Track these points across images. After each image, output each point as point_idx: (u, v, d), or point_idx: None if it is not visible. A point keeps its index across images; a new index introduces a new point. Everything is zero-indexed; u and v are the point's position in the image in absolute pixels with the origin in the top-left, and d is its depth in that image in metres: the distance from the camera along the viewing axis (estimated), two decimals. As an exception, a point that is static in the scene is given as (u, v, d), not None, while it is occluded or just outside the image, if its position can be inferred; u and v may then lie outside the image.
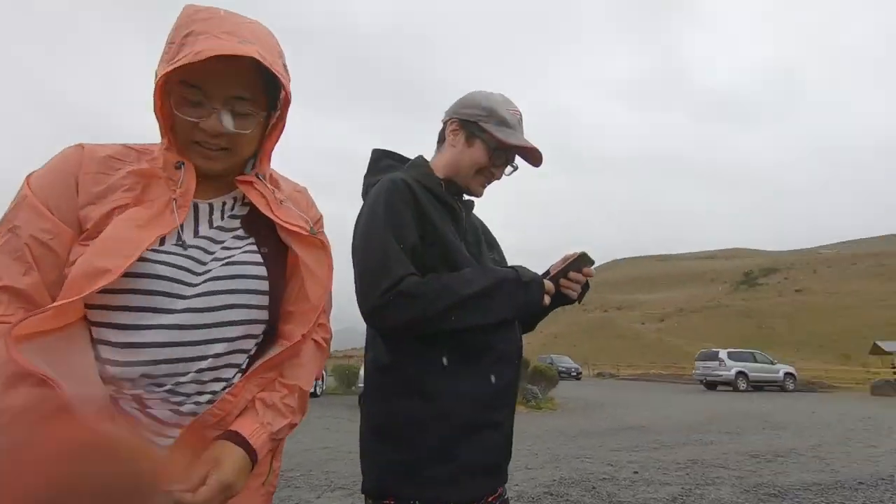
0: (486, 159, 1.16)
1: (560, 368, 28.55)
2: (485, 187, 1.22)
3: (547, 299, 1.12)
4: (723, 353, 21.90)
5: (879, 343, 32.88)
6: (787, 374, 21.91)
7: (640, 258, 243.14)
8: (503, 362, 1.10)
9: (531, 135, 1.24)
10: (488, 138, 1.14)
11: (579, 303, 1.22)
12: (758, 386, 21.28)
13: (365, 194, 1.26)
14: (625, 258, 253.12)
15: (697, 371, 22.72)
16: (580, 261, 1.16)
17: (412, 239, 1.06)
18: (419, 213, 1.09)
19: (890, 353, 30.49)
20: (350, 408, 11.51)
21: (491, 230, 1.37)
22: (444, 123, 1.23)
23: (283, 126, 0.88)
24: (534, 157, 1.20)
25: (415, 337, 1.04)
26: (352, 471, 3.40)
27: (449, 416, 1.02)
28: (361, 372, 11.38)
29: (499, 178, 1.23)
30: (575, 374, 30.29)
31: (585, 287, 1.21)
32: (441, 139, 1.24)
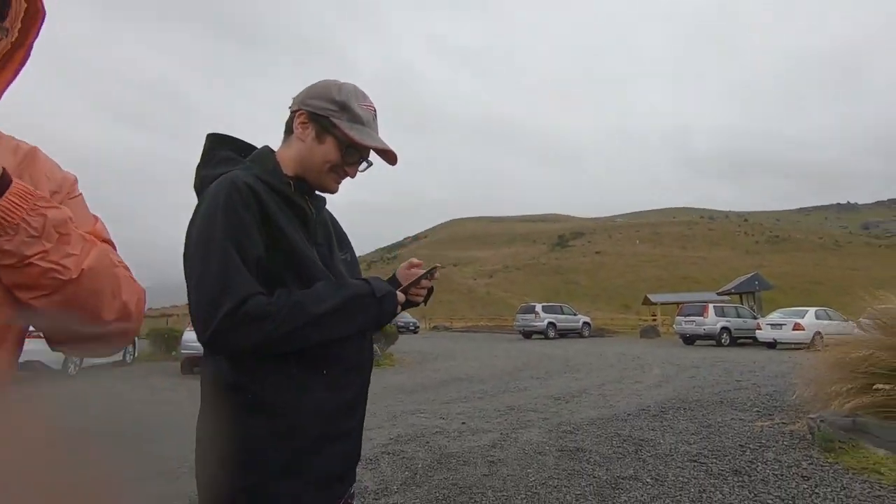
0: (337, 157, 1.09)
1: (399, 323, 29.72)
2: (339, 183, 1.15)
3: (399, 309, 1.14)
4: (538, 307, 25.19)
5: (649, 296, 41.34)
6: (584, 323, 26.24)
7: (476, 218, 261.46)
8: (353, 372, 1.10)
9: (377, 92, 1.20)
10: (340, 135, 1.08)
11: (425, 305, 1.28)
12: (563, 333, 25.11)
13: (199, 189, 1.10)
14: (462, 217, 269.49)
15: (517, 323, 25.79)
16: (430, 271, 1.20)
17: (256, 250, 0.97)
18: (264, 218, 0.99)
19: (655, 304, 38.70)
20: (171, 376, 10.41)
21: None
22: (293, 113, 1.13)
23: (26, 56, 0.67)
24: (388, 157, 1.17)
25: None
26: (175, 453, 3.12)
27: (298, 432, 0.99)
28: (187, 336, 10.40)
29: (353, 177, 1.18)
30: (413, 328, 31.87)
31: (430, 291, 1.26)
32: (289, 129, 1.13)
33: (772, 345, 17.43)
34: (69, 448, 0.65)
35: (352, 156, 1.11)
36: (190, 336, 10.35)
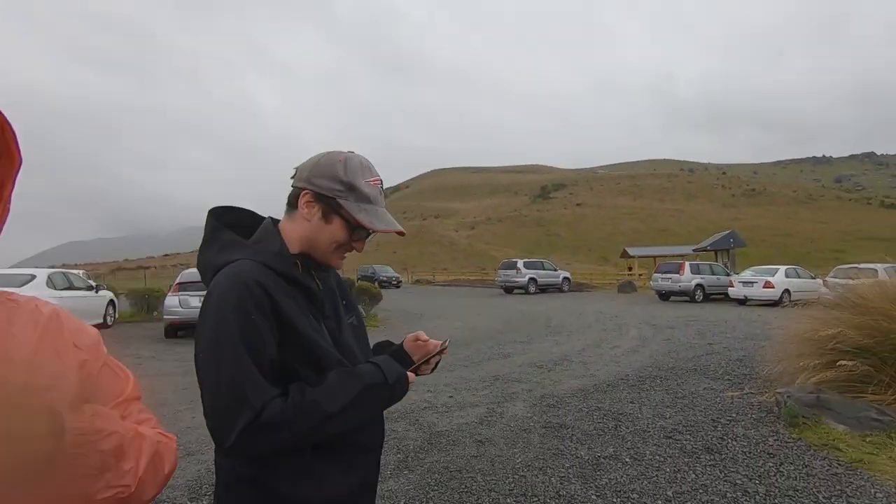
0: (345, 237, 1.07)
1: (381, 279, 29.98)
2: (344, 259, 1.14)
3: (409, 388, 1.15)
4: (520, 263, 25.55)
5: (628, 249, 42.14)
6: (564, 278, 26.79)
7: (459, 168, 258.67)
8: (367, 453, 1.13)
9: (354, 37, 1.12)
10: (348, 217, 1.05)
11: (431, 373, 1.29)
12: (543, 288, 25.66)
13: (203, 273, 1.07)
14: (444, 168, 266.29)
15: (499, 278, 26.20)
16: (442, 350, 1.20)
17: (270, 352, 0.96)
18: (276, 315, 0.98)
19: (633, 257, 39.57)
20: (154, 341, 10.39)
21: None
22: (297, 189, 1.09)
23: (4, 211, 0.64)
24: (398, 232, 1.16)
25: None
26: (170, 427, 3.17)
27: None
28: (169, 301, 10.29)
29: (360, 251, 1.16)
30: (395, 282, 32.17)
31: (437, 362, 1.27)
32: (292, 203, 1.10)
33: (742, 301, 18.16)
34: None
35: (359, 234, 1.09)
36: (172, 301, 10.26)
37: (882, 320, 4.66)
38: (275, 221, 1.14)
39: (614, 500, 3.02)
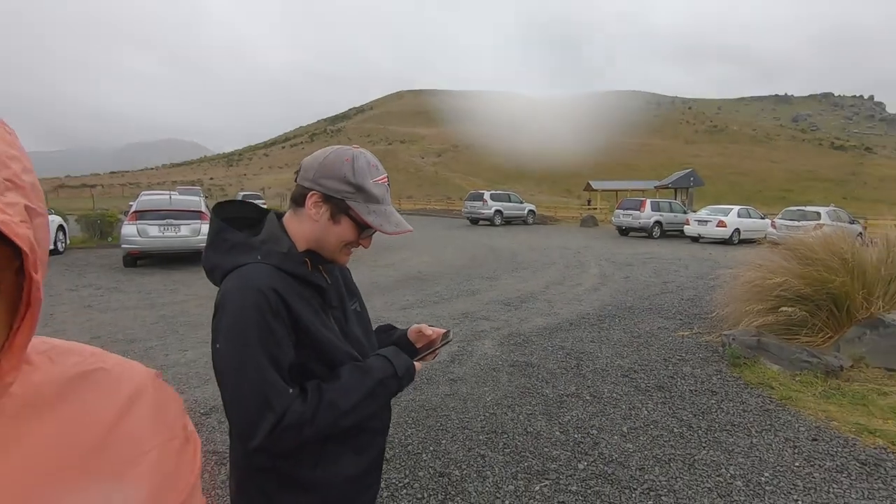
0: (353, 237, 1.09)
1: (347, 206, 29.52)
2: (350, 255, 1.16)
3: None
4: (486, 195, 25.62)
5: (591, 182, 42.70)
6: (529, 211, 27.18)
7: (426, 91, 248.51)
8: (378, 435, 1.20)
9: None
10: (357, 218, 1.06)
11: (434, 359, 1.36)
12: (509, 220, 26.05)
13: (211, 274, 1.07)
14: (410, 90, 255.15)
15: (466, 209, 26.31)
16: (445, 342, 1.26)
17: (289, 355, 1.00)
18: (292, 320, 1.01)
19: (596, 190, 40.26)
20: (112, 269, 10.07)
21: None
22: (303, 189, 1.07)
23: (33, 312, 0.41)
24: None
25: None
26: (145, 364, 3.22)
27: (331, 500, 1.11)
28: (127, 231, 9.88)
29: (367, 247, 1.18)
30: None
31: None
32: (299, 202, 1.09)
33: (696, 239, 19.09)
34: None
35: (367, 232, 1.11)
36: (130, 230, 9.84)
37: (823, 271, 5.05)
38: (278, 216, 1.13)
39: (576, 435, 3.33)
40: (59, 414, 0.46)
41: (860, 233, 11.80)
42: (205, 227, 9.98)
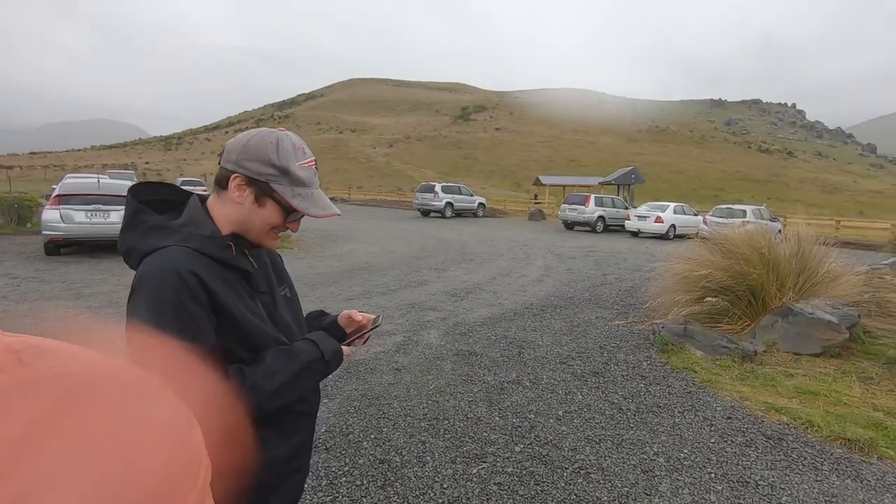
0: (279, 220, 1.08)
1: (294, 195, 28.67)
2: (278, 239, 1.15)
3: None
4: (438, 187, 25.67)
5: (540, 177, 43.77)
6: (480, 203, 27.50)
7: (377, 80, 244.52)
8: (304, 419, 1.20)
9: None
10: (282, 201, 1.05)
11: (364, 344, 1.37)
12: (459, 213, 26.24)
13: (127, 258, 1.04)
14: (362, 78, 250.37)
15: (417, 201, 26.26)
16: (375, 327, 1.28)
17: (210, 340, 0.98)
18: (213, 304, 0.99)
19: (545, 185, 41.31)
20: (32, 258, 9.30)
21: None
22: (226, 171, 1.05)
23: None
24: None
25: None
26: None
27: (257, 484, 1.11)
28: (49, 216, 9.14)
29: (295, 231, 1.17)
30: (309, 200, 30.91)
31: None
32: (222, 185, 1.06)
33: (636, 234, 20.03)
34: None
35: (294, 216, 1.09)
36: (52, 215, 9.12)
37: (743, 264, 5.47)
38: (201, 199, 1.11)
39: (514, 420, 3.44)
40: None
41: (780, 230, 12.84)
42: None
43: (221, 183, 1.06)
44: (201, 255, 1.00)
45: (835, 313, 5.05)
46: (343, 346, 1.20)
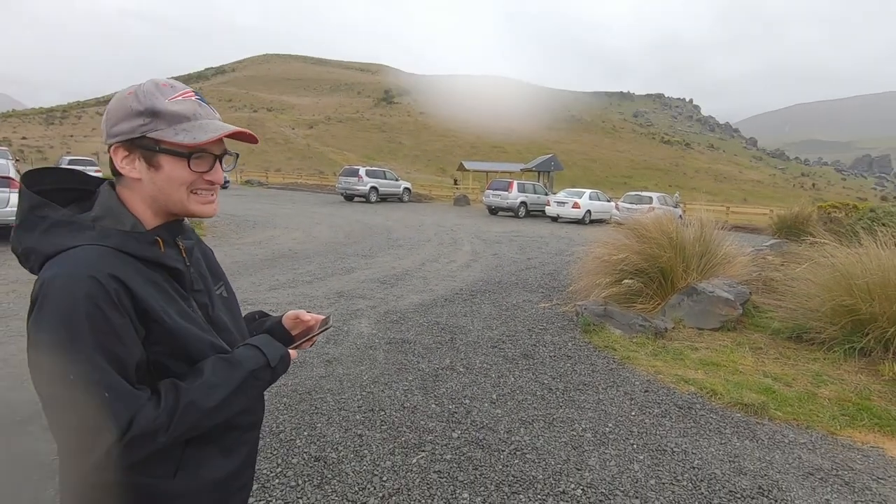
0: (187, 173, 0.91)
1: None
2: (211, 202, 0.97)
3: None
4: (362, 171, 25.10)
5: (464, 163, 44.30)
6: (405, 188, 27.30)
7: (293, 56, 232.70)
8: (247, 433, 1.09)
9: None
10: (171, 147, 0.89)
11: (311, 346, 1.27)
12: (384, 198, 25.88)
13: (25, 260, 0.87)
14: (277, 53, 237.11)
15: (340, 185, 25.51)
16: (325, 329, 1.19)
17: (136, 352, 0.85)
18: (139, 312, 0.85)
19: (469, 171, 41.88)
20: None
21: None
22: (108, 149, 0.91)
23: None
24: (247, 137, 0.98)
25: None
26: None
27: None
28: None
29: (221, 182, 1.02)
30: (224, 184, 28.95)
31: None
32: (116, 172, 0.92)
33: (555, 219, 20.96)
34: None
35: (204, 161, 0.93)
36: None
37: (655, 247, 5.89)
38: (113, 185, 0.94)
39: (450, 406, 3.47)
40: None
41: (681, 215, 14.05)
42: (14, 197, 8.24)
43: (113, 168, 0.91)
44: (122, 254, 0.85)
45: (731, 291, 5.62)
46: (289, 350, 1.10)
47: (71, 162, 23.97)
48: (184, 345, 0.91)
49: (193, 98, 0.92)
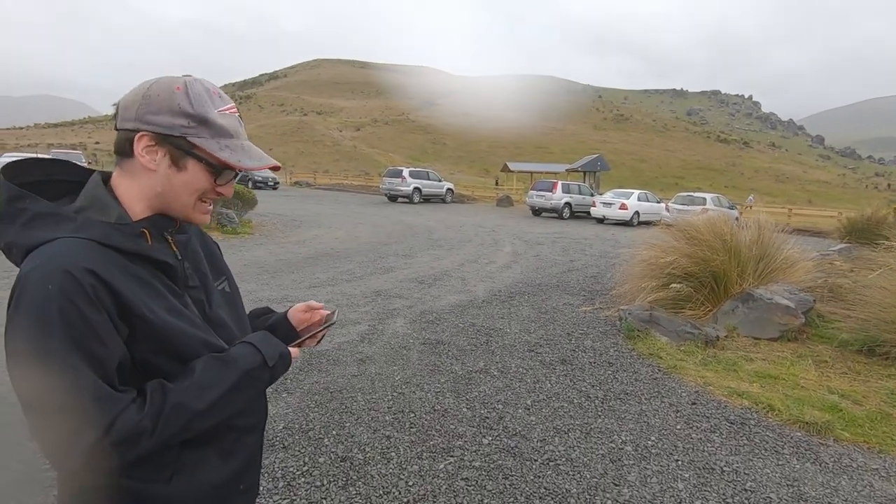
0: (208, 183, 0.88)
1: (256, 179, 27.73)
2: (210, 210, 0.94)
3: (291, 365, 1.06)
4: (405, 172, 25.36)
5: (508, 163, 43.93)
6: (448, 189, 27.34)
7: (342, 61, 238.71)
8: (248, 434, 1.04)
9: None
10: (209, 158, 0.85)
11: (317, 345, 1.21)
12: (427, 198, 26.02)
13: (8, 253, 0.84)
14: (327, 58, 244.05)
15: (384, 186, 25.86)
16: (329, 324, 1.12)
17: (116, 352, 0.79)
18: (120, 308, 0.79)
19: (513, 171, 41.49)
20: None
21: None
22: (127, 133, 0.85)
23: None
24: (274, 168, 0.98)
25: None
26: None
27: None
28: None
29: (228, 195, 0.98)
30: (272, 184, 29.99)
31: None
32: (125, 152, 0.86)
33: (601, 220, 20.35)
34: None
35: (225, 176, 0.90)
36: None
37: (707, 250, 5.54)
38: (104, 178, 0.90)
39: (482, 410, 3.36)
40: None
41: (737, 217, 13.26)
42: None
43: (123, 150, 0.85)
44: (104, 247, 0.80)
45: (792, 298, 5.19)
46: (291, 348, 1.03)
47: (55, 154, 24.93)
48: (172, 343, 0.86)
49: (237, 115, 0.91)
